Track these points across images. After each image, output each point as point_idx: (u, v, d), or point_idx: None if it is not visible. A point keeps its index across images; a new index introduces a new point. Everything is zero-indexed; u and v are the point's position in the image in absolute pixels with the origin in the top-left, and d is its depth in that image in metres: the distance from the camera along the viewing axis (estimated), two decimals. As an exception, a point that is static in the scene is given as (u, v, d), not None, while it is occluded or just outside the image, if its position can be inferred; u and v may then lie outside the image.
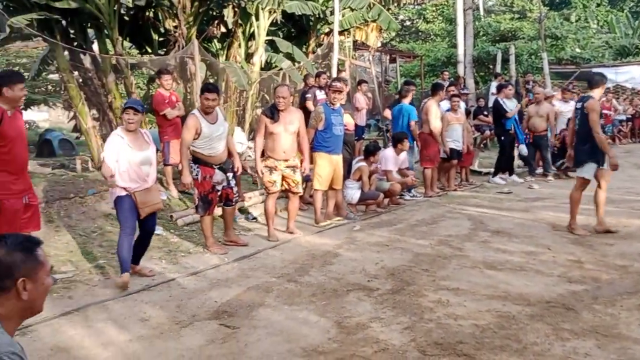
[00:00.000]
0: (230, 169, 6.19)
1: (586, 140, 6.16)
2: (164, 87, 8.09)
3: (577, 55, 26.31)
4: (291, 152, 6.68)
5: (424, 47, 29.22)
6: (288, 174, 6.68)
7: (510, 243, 6.25)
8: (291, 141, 6.66)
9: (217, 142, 5.97)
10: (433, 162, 9.57)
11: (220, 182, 6.07)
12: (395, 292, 4.67)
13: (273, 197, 6.72)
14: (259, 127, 6.71)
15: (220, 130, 5.98)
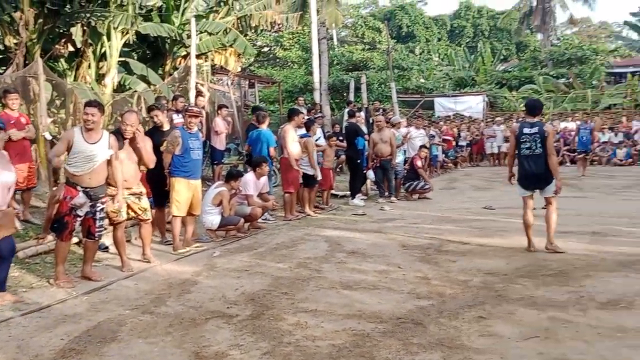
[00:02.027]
0: (101, 198, 5.82)
1: (546, 162, 6.75)
2: (9, 107, 7.47)
3: (421, 85, 28.40)
4: (134, 181, 6.42)
5: (282, 73, 29.86)
6: (132, 201, 6.38)
7: (365, 263, 6.52)
8: (134, 169, 6.42)
9: (88, 163, 5.57)
10: (293, 186, 9.74)
11: (79, 206, 5.61)
12: (255, 318, 4.67)
13: (120, 227, 6.37)
14: None
15: (96, 152, 5.60)
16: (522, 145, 6.78)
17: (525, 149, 6.77)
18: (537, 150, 6.69)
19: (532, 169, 6.74)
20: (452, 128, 21.28)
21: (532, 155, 6.72)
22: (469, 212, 10.14)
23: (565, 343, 3.96)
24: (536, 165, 6.71)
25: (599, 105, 25.39)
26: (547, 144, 6.68)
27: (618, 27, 48.77)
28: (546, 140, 6.67)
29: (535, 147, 6.69)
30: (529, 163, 6.77)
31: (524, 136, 6.76)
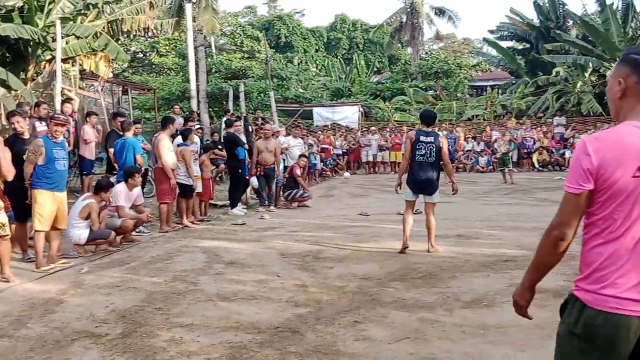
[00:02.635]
0: None
1: (438, 170, 7.23)
2: None
3: (300, 94, 28.84)
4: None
5: (158, 80, 28.99)
6: None
7: (243, 273, 6.46)
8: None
9: None
10: (169, 197, 9.45)
11: None
12: (126, 336, 4.45)
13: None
14: None
15: None
16: (417, 152, 7.13)
17: (419, 155, 7.12)
18: (430, 158, 7.10)
19: (423, 175, 7.10)
20: (329, 137, 21.80)
21: (425, 162, 7.11)
22: (346, 219, 10.42)
23: (433, 342, 4.17)
24: (427, 172, 7.10)
25: (462, 116, 27.23)
26: (442, 153, 7.15)
27: (479, 44, 52.71)
28: (441, 149, 7.14)
29: (430, 155, 7.09)
30: (421, 169, 7.12)
31: (419, 144, 7.12)
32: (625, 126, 2.03)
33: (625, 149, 1.95)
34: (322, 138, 20.84)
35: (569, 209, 2.03)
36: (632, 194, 1.95)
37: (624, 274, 1.96)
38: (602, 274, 1.99)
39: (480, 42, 50.65)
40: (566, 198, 2.04)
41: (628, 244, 1.97)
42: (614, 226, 1.98)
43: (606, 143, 1.99)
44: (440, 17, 39.47)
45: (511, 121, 23.57)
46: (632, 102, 2.05)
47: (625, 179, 1.95)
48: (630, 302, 1.94)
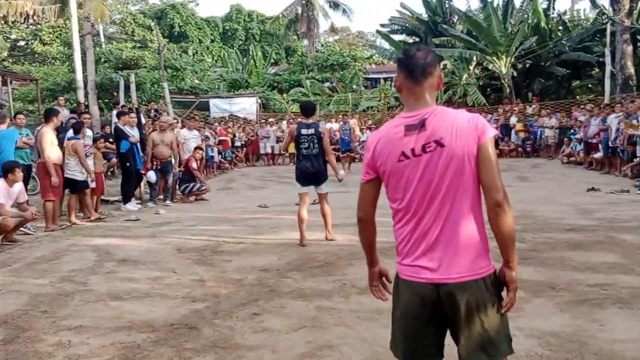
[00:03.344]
0: None
1: (324, 160, 7.16)
2: None
3: (196, 86, 28.23)
4: None
5: (41, 70, 27.27)
6: None
7: (137, 270, 6.23)
8: None
9: None
10: (55, 193, 8.91)
11: None
12: (8, 342, 4.15)
13: None
14: None
15: None
16: (301, 146, 7.09)
17: (303, 149, 7.08)
18: (314, 150, 7.05)
19: (309, 168, 7.07)
20: (227, 129, 21.51)
21: (309, 155, 7.07)
22: (245, 211, 10.34)
23: (330, 330, 4.24)
24: (313, 164, 7.05)
25: (358, 107, 27.86)
26: (323, 144, 7.09)
27: (372, 37, 54.06)
28: (322, 140, 7.08)
29: (313, 147, 7.04)
30: (307, 162, 7.08)
31: (302, 137, 7.07)
32: (395, 119, 2.32)
33: (389, 140, 2.25)
34: (219, 130, 20.52)
35: (360, 193, 2.41)
36: (401, 178, 2.23)
37: (415, 246, 2.25)
38: (401, 247, 2.31)
39: (373, 35, 52.02)
40: (360, 186, 2.40)
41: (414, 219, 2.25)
42: (401, 204, 2.28)
43: (377, 137, 2.30)
44: (334, 10, 40.08)
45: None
46: (404, 96, 2.32)
47: (393, 164, 2.23)
48: (421, 269, 2.21)
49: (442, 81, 2.36)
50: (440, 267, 2.18)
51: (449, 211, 2.18)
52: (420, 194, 2.20)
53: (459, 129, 2.15)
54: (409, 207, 2.23)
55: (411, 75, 2.25)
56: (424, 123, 2.19)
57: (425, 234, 2.21)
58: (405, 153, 2.20)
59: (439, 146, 2.16)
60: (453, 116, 2.20)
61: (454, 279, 2.16)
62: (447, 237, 2.18)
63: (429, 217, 2.20)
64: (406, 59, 2.28)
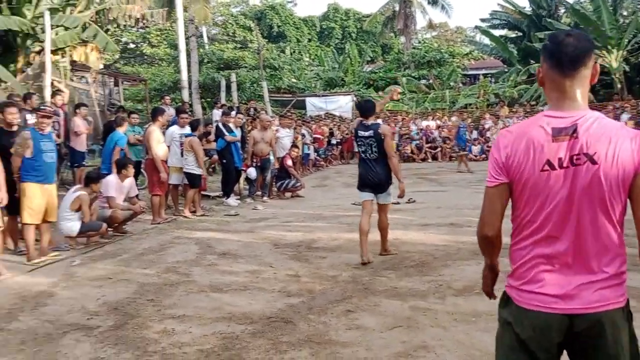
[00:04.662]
0: None
1: (385, 166, 6.25)
2: None
3: (293, 84, 28.74)
4: None
5: (149, 71, 28.82)
6: None
7: (236, 264, 6.45)
8: None
9: None
10: (161, 188, 9.41)
11: None
12: (118, 328, 4.43)
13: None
14: None
15: None
16: (359, 149, 6.39)
17: (361, 152, 6.35)
18: (372, 155, 6.22)
19: (367, 173, 6.29)
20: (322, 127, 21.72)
21: (367, 160, 6.27)
22: (339, 209, 10.40)
23: (425, 330, 4.17)
24: (371, 170, 6.25)
25: (456, 104, 27.21)
26: (384, 147, 6.21)
27: (471, 32, 52.58)
28: (383, 143, 6.20)
29: (370, 151, 6.23)
30: (365, 167, 6.31)
31: (359, 139, 6.33)
32: (538, 117, 2.00)
33: (531, 142, 1.93)
34: (314, 128, 20.77)
35: (485, 202, 2.06)
36: (540, 190, 1.93)
37: (544, 270, 1.95)
38: (523, 270, 1.99)
39: (472, 30, 50.59)
40: (484, 192, 2.06)
41: (547, 240, 1.94)
42: (531, 221, 1.96)
43: (513, 136, 1.97)
44: (433, 6, 39.31)
45: (504, 109, 23.55)
46: (548, 90, 2.02)
47: (533, 173, 1.92)
48: (550, 298, 1.92)
49: (598, 73, 2.00)
50: (577, 296, 1.90)
51: (591, 236, 1.90)
52: (559, 212, 1.90)
53: (617, 147, 1.85)
54: (543, 225, 1.92)
55: (558, 65, 1.93)
56: (575, 129, 1.89)
57: (559, 258, 1.92)
58: (551, 162, 1.88)
59: (589, 162, 1.86)
60: (613, 129, 1.89)
61: (594, 307, 1.89)
62: (586, 263, 1.91)
63: (566, 240, 1.91)
64: (553, 46, 1.95)
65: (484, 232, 2.07)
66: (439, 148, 21.48)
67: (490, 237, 2.07)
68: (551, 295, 1.91)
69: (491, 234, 2.06)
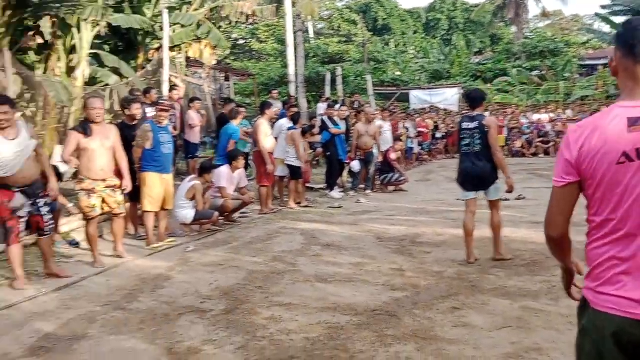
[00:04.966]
0: (41, 193, 5.62)
1: (489, 160, 5.95)
2: None
3: (397, 77, 28.46)
4: (109, 171, 6.28)
5: (257, 66, 29.67)
6: (108, 194, 6.21)
7: (340, 255, 6.52)
8: (108, 158, 6.25)
9: (14, 162, 5.26)
10: (268, 179, 9.69)
11: (20, 207, 5.36)
12: (229, 312, 4.63)
13: (94, 222, 6.26)
14: (67, 145, 6.09)
15: (19, 148, 5.28)
16: (462, 142, 6.07)
17: (464, 145, 6.02)
18: (475, 148, 5.89)
19: (469, 169, 5.98)
20: (426, 120, 21.34)
21: (470, 153, 5.95)
22: (444, 204, 10.20)
23: (537, 332, 4.01)
24: (473, 164, 5.93)
25: (571, 97, 25.74)
26: (488, 140, 5.87)
27: (589, 20, 49.38)
28: (487, 135, 5.87)
29: (474, 144, 5.90)
30: (467, 161, 5.99)
31: (463, 132, 6.04)
32: (611, 109, 1.85)
33: (604, 135, 1.79)
34: (418, 121, 20.47)
35: (552, 202, 1.97)
36: (617, 184, 1.78)
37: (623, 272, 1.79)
38: (599, 271, 1.85)
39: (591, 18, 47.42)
40: (551, 192, 1.95)
41: (626, 238, 1.79)
42: (609, 219, 1.82)
43: (585, 131, 1.84)
44: (547, -7, 37.37)
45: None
46: (622, 80, 1.87)
47: (609, 167, 1.79)
48: (629, 302, 1.76)
49: None
50: None
51: None
52: (639, 207, 1.78)
53: None
54: (623, 223, 1.80)
55: (631, 52, 1.82)
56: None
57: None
58: (628, 154, 1.77)
59: None
60: None
61: None
62: None
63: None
64: (626, 32, 1.84)
65: (549, 233, 1.99)
66: (552, 143, 20.41)
67: (555, 238, 1.99)
68: (629, 299, 1.77)
69: (556, 235, 1.98)
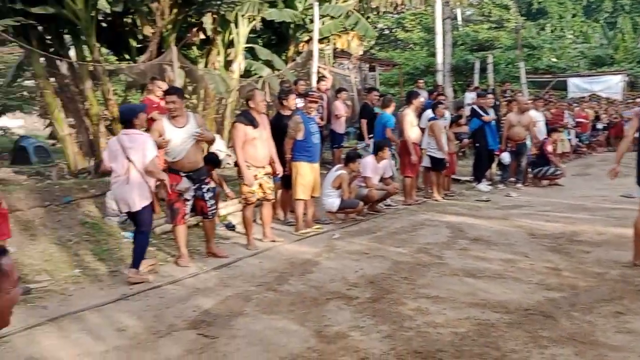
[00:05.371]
0: (205, 179, 6.06)
1: None
2: (154, 94, 7.94)
3: (553, 64, 26.72)
4: (268, 159, 6.65)
5: (402, 56, 29.41)
6: (265, 180, 6.62)
7: (489, 251, 6.28)
8: (268, 147, 6.64)
9: (180, 147, 5.77)
10: (412, 170, 9.59)
11: (185, 190, 5.84)
12: (375, 301, 4.66)
13: (252, 207, 6.67)
14: (237, 137, 6.50)
15: (186, 135, 5.77)
16: None
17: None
18: None
19: None
20: (585, 109, 19.78)
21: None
22: (606, 201, 9.41)
23: None
24: None
25: None
26: None
27: None
28: None
29: None
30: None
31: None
32: None
33: None
34: (576, 111, 19.05)
35: None
36: None
37: None
38: None
39: None
40: None
41: None
42: None
43: None
44: None
45: None
46: None
47: None
48: None
49: None
50: None
51: None
52: None
53: None
54: None
55: None
56: None
57: None
58: None
59: None
60: None
61: None
62: None
63: None
64: None
65: None
66: None
67: None
68: None
69: None
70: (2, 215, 4.69)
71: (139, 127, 5.44)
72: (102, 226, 6.71)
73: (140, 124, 5.48)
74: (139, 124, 5.44)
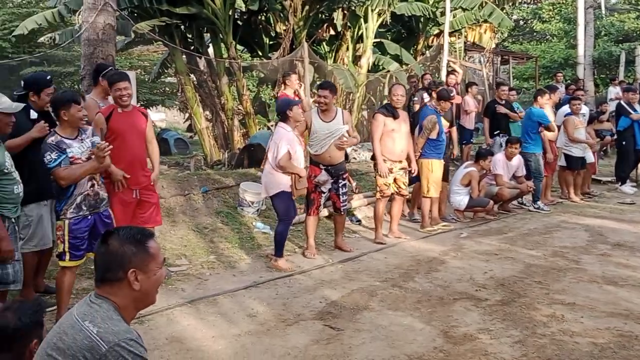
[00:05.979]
0: (343, 174, 6.15)
1: None
2: (290, 88, 8.14)
3: None
4: (405, 153, 6.61)
5: (538, 48, 27.94)
6: (400, 175, 6.61)
7: (633, 257, 5.79)
8: (406, 141, 6.60)
9: (324, 141, 5.93)
10: (547, 169, 9.06)
11: (322, 183, 5.98)
12: (505, 304, 4.48)
13: (384, 201, 6.68)
14: (376, 128, 6.52)
15: (332, 129, 5.92)
16: None
17: None
18: None
19: None
20: None
21: None
22: None
23: None
24: None
25: None
26: None
27: None
28: None
29: None
30: None
31: None
32: None
33: None
34: None
35: None
36: None
37: None
38: None
39: None
40: None
41: None
42: None
43: None
44: None
45: None
46: None
47: None
48: None
49: None
50: None
51: None
52: None
53: None
54: None
55: None
56: None
57: None
58: None
59: None
60: None
61: None
62: None
63: None
64: None
65: None
66: None
67: None
68: None
69: None
70: (155, 204, 5.03)
71: (292, 120, 5.61)
72: (236, 216, 7.06)
73: (294, 117, 5.63)
74: (292, 118, 5.61)
